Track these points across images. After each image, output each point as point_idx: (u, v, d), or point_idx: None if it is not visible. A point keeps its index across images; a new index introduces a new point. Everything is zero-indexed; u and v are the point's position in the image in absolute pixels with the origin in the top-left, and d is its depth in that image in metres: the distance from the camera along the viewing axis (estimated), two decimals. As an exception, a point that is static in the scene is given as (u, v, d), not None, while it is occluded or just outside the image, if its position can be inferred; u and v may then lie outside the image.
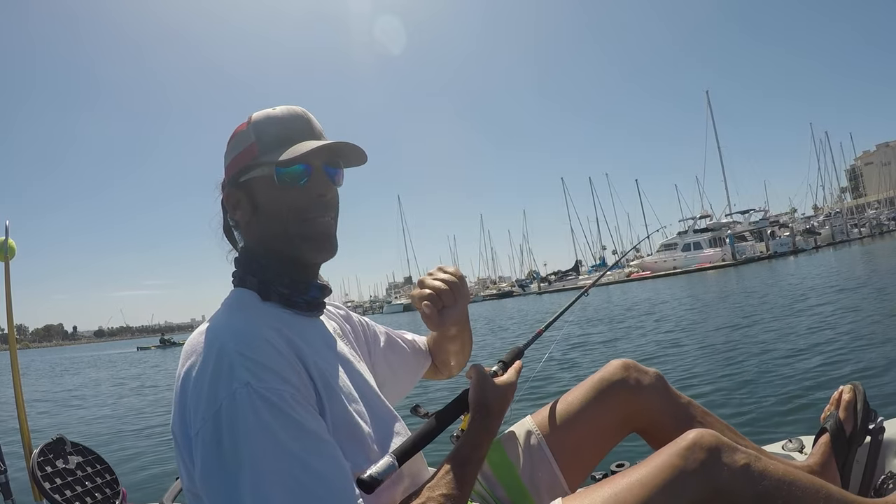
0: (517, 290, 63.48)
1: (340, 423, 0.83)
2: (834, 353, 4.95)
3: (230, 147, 0.95)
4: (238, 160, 0.93)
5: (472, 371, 1.01)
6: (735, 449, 0.98)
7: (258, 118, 0.93)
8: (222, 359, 0.74)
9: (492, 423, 0.94)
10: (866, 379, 3.89)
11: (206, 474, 0.71)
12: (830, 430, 1.29)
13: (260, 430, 0.70)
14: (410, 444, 0.87)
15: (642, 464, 0.99)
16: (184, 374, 0.78)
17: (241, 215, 0.94)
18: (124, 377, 15.71)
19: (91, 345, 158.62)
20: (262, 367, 0.74)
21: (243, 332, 0.79)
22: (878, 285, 10.35)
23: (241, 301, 0.90)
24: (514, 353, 1.11)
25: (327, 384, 0.84)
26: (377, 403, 0.97)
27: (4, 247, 2.02)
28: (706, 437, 0.97)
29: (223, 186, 0.97)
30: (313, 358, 0.84)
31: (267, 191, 0.91)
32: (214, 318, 0.85)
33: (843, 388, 1.39)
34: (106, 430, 6.33)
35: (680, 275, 38.88)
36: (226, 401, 0.71)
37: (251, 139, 0.91)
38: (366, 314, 27.45)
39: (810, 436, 1.61)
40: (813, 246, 46.29)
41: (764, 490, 0.95)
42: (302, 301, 0.93)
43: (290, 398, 0.74)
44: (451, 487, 0.82)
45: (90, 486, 2.02)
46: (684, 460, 0.95)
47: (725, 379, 4.63)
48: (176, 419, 0.78)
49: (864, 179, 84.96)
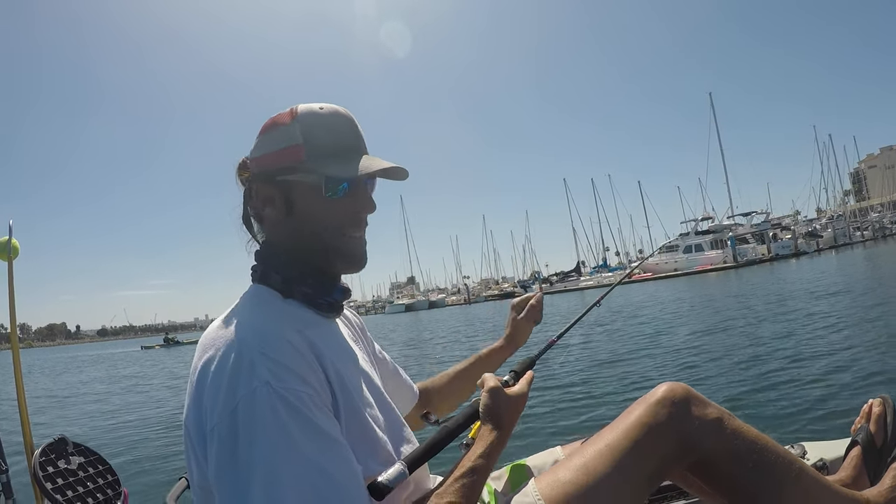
0: (519, 290, 63.47)
1: (354, 427, 0.83)
2: (839, 360, 4.93)
3: (268, 139, 0.90)
4: (278, 157, 0.88)
5: (484, 381, 0.99)
6: (707, 403, 0.97)
7: (305, 116, 0.88)
8: (243, 356, 0.74)
9: (502, 433, 0.93)
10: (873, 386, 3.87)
11: (219, 471, 0.71)
12: (862, 442, 1.28)
13: (276, 429, 0.70)
14: (422, 452, 0.88)
15: (612, 425, 0.98)
16: (201, 368, 0.77)
17: (272, 213, 0.90)
18: (129, 376, 15.76)
19: (94, 344, 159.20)
20: (282, 368, 0.74)
21: (265, 331, 0.78)
22: (873, 290, 10.31)
23: (263, 298, 0.89)
24: (526, 363, 1.09)
25: (344, 387, 0.84)
26: (389, 409, 0.97)
27: (8, 246, 2.02)
28: (676, 390, 0.97)
29: (253, 178, 0.92)
30: (332, 360, 0.84)
31: (309, 198, 0.88)
32: (235, 314, 0.84)
33: (872, 401, 1.37)
34: (107, 431, 6.34)
35: (681, 277, 38.87)
36: (244, 398, 0.70)
37: (297, 139, 0.87)
38: (368, 314, 27.53)
39: (812, 441, 1.62)
40: (815, 249, 46.26)
41: (735, 449, 0.94)
42: (324, 302, 0.92)
43: (308, 400, 0.74)
44: (459, 496, 0.81)
45: (92, 486, 2.01)
46: (654, 416, 0.94)
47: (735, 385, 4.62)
48: (191, 413, 0.77)
49: (867, 183, 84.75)
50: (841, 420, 3.35)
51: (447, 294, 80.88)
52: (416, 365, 9.64)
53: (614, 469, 0.92)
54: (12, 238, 2.05)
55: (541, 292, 1.41)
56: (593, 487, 0.91)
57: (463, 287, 78.36)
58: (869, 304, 8.51)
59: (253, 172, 0.91)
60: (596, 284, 49.85)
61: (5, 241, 2.04)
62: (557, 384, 5.58)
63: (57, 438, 2.04)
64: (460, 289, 79.83)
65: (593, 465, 0.92)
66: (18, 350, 2.08)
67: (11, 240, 2.04)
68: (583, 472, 0.92)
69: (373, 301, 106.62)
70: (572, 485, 0.93)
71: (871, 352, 4.93)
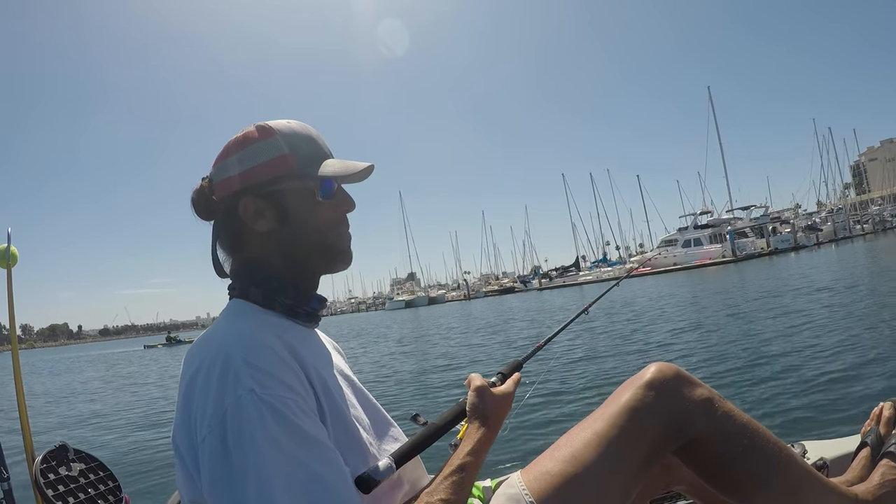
0: (518, 286, 63.58)
1: (340, 429, 0.84)
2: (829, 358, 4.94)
3: (248, 153, 0.90)
4: (268, 168, 0.90)
5: (471, 380, 1.01)
6: (697, 383, 0.96)
7: (282, 129, 0.91)
8: (228, 367, 0.75)
9: (490, 431, 0.94)
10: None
11: (212, 480, 0.71)
12: (871, 444, 1.28)
13: (264, 436, 0.70)
14: (409, 447, 0.89)
15: (598, 411, 0.96)
16: (188, 383, 0.78)
17: (264, 224, 0.91)
18: (129, 375, 15.78)
19: (96, 343, 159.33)
20: (266, 375, 0.75)
21: (247, 339, 0.79)
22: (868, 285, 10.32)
23: (242, 310, 0.90)
24: (513, 365, 1.11)
25: (327, 391, 0.85)
26: (375, 409, 0.99)
27: (7, 254, 2.03)
28: (665, 371, 0.95)
29: (239, 193, 0.91)
30: (313, 365, 0.85)
31: (303, 203, 0.91)
32: (216, 327, 0.86)
33: (883, 404, 1.37)
34: (108, 434, 6.35)
35: (680, 271, 38.86)
36: (231, 407, 0.72)
37: (283, 150, 0.90)
38: (368, 311, 27.41)
39: (813, 441, 1.61)
40: (814, 242, 46.17)
41: (726, 432, 0.93)
42: (304, 312, 0.93)
43: (293, 405, 0.75)
44: (449, 493, 0.83)
45: (93, 493, 2.02)
46: (642, 400, 0.92)
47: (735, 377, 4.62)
48: (180, 428, 0.78)
49: (868, 176, 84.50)
50: (839, 416, 3.36)
51: (447, 290, 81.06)
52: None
53: (602, 458, 0.91)
54: (11, 245, 2.05)
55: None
56: (581, 477, 0.90)
57: (462, 283, 78.43)
58: (866, 299, 8.52)
59: (236, 189, 0.91)
60: (595, 279, 49.97)
61: (4, 248, 2.04)
62: (544, 391, 5.54)
63: (58, 445, 2.05)
64: (460, 284, 79.87)
65: (581, 455, 0.91)
66: (18, 356, 2.08)
67: (10, 247, 2.04)
68: (570, 462, 0.91)
69: (373, 297, 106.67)
70: (560, 476, 0.92)
71: (873, 350, 4.92)
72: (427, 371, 8.52)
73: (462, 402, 0.99)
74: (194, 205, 0.95)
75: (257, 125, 0.92)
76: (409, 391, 7.03)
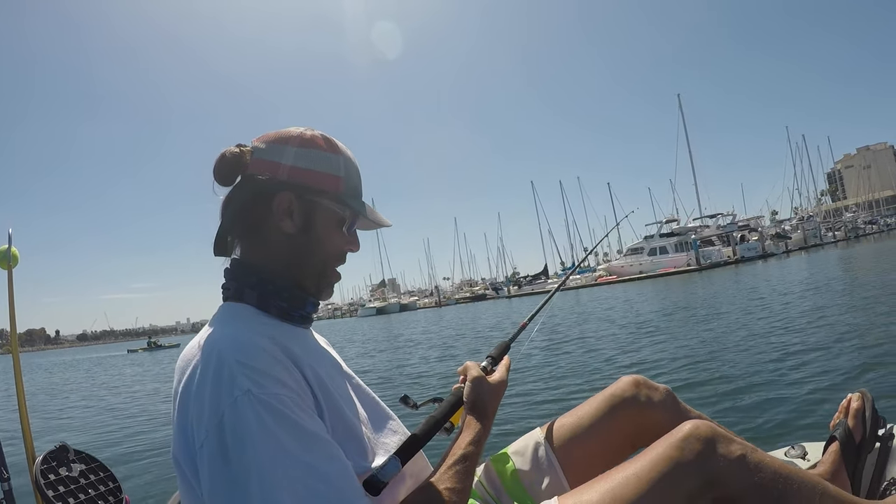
0: (490, 293, 63.45)
1: (338, 425, 0.85)
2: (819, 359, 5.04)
3: (308, 155, 0.92)
4: (321, 179, 0.92)
5: (467, 370, 1.06)
6: (731, 440, 0.99)
7: (345, 153, 0.97)
8: (222, 369, 0.74)
9: (488, 421, 0.98)
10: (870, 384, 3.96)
11: (213, 485, 0.71)
12: (840, 437, 1.29)
13: (264, 435, 0.70)
14: (412, 442, 0.92)
15: (638, 457, 1.00)
16: (183, 389, 0.78)
17: (288, 225, 0.91)
18: (124, 376, 15.51)
19: (74, 349, 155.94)
20: (261, 374, 0.75)
21: (240, 341, 0.79)
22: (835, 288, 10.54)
23: (235, 313, 0.90)
24: (502, 347, 1.17)
25: (323, 387, 0.85)
26: (372, 404, 1.01)
27: (7, 255, 2.02)
28: (702, 428, 0.98)
29: (281, 185, 0.90)
30: (308, 363, 0.85)
31: (329, 226, 0.95)
32: (208, 332, 0.85)
33: (851, 395, 1.39)
34: (108, 436, 6.25)
35: (645, 279, 38.46)
36: (228, 410, 0.71)
37: (340, 171, 0.95)
38: (343, 317, 27.27)
39: (813, 442, 1.62)
40: (784, 250, 45.86)
41: (760, 482, 0.95)
42: (298, 315, 0.95)
43: (290, 402, 0.75)
44: (454, 482, 0.86)
45: (93, 493, 2.02)
46: (680, 451, 0.95)
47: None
48: (178, 439, 0.77)
49: (843, 183, 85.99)
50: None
51: (420, 297, 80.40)
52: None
53: (640, 498, 0.93)
54: (12, 246, 2.04)
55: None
56: None
57: (435, 290, 77.98)
58: (833, 302, 8.69)
59: (281, 179, 0.91)
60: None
61: (5, 249, 2.03)
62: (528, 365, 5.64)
63: (58, 446, 2.04)
64: (433, 291, 79.52)
65: (620, 493, 0.93)
66: (19, 359, 2.08)
67: (11, 248, 2.04)
68: (609, 497, 0.94)
69: (349, 304, 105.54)
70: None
71: (865, 351, 5.01)
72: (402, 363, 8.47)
73: (457, 392, 1.04)
74: (222, 164, 0.91)
75: (323, 135, 0.95)
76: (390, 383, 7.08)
